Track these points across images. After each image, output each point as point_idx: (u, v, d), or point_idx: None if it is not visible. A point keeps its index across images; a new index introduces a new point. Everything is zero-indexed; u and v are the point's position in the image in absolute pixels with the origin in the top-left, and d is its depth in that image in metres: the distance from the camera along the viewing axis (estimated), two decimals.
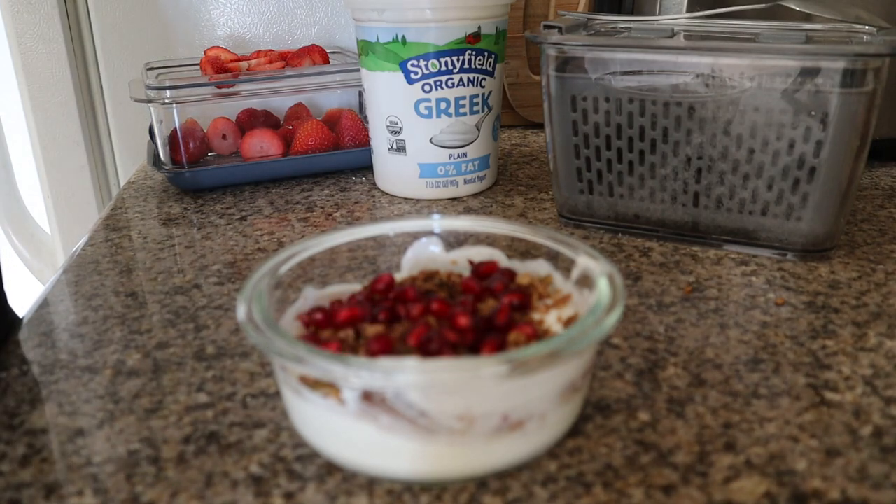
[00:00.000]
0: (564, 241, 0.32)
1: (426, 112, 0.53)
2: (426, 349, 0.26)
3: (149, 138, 0.66)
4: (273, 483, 0.26)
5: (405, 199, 0.57)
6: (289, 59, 0.66)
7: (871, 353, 0.34)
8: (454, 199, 0.56)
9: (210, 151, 0.62)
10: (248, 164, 0.60)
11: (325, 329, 0.29)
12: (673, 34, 0.47)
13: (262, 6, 0.78)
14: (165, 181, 0.62)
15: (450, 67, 0.52)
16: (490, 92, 0.55)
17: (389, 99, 0.54)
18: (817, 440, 0.28)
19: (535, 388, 0.25)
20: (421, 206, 0.55)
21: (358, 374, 0.24)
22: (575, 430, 0.29)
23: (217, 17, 0.78)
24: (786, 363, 0.33)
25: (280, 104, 0.68)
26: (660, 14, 0.60)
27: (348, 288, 0.33)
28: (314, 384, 0.26)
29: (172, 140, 0.58)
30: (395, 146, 0.55)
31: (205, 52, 0.69)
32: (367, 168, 0.62)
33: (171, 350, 0.36)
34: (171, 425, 0.30)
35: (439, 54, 0.52)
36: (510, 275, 0.32)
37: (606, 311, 0.27)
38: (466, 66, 0.53)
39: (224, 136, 0.62)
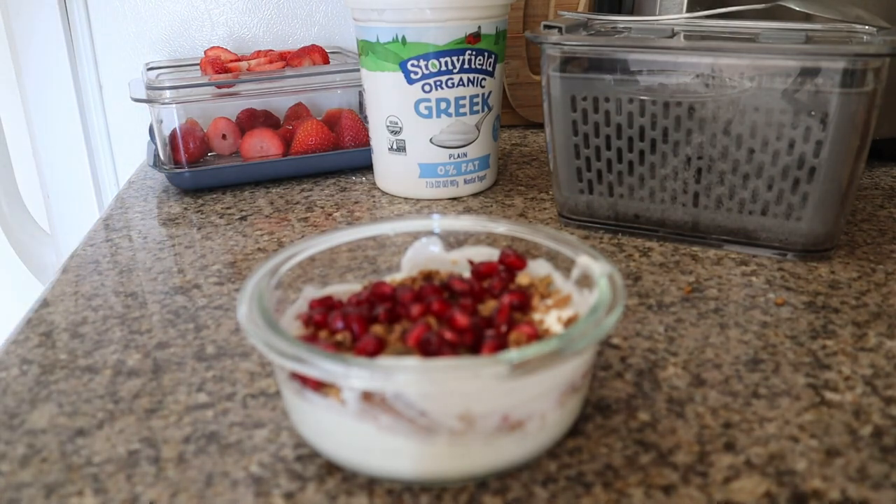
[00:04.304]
0: (564, 240, 0.32)
1: (426, 112, 0.53)
2: (426, 349, 0.26)
3: (149, 138, 0.66)
4: (273, 483, 0.26)
5: (405, 199, 0.57)
6: (289, 59, 0.66)
7: (871, 353, 0.34)
8: (454, 199, 0.56)
9: (210, 151, 0.62)
10: (248, 164, 0.60)
11: (324, 329, 0.29)
12: (673, 34, 0.47)
13: (262, 6, 0.78)
14: (165, 181, 0.62)
15: (450, 67, 0.52)
16: (490, 92, 0.55)
17: (389, 99, 0.54)
18: (817, 440, 0.28)
19: (535, 388, 0.25)
20: (421, 206, 0.55)
21: (358, 374, 0.24)
22: (575, 430, 0.29)
23: (217, 17, 0.78)
24: (786, 363, 0.33)
25: (280, 104, 0.68)
26: (660, 14, 0.60)
27: (348, 288, 0.33)
28: (316, 385, 0.26)
29: (172, 140, 0.58)
30: (395, 146, 0.55)
31: (205, 52, 0.69)
32: (367, 168, 0.62)
33: (171, 350, 0.36)
34: (171, 425, 0.30)
35: (439, 54, 0.52)
36: (510, 275, 0.32)
37: (606, 311, 0.27)
38: (466, 66, 0.53)
39: (224, 136, 0.62)
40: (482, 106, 0.55)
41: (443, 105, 0.53)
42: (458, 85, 0.53)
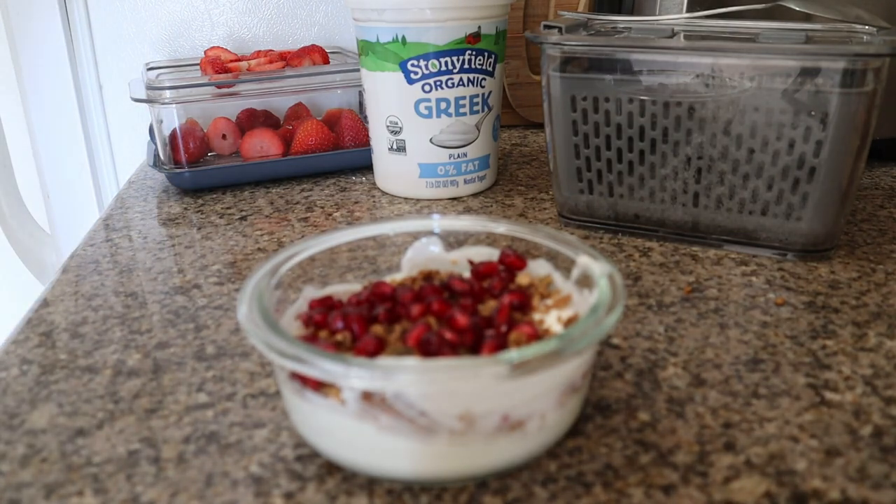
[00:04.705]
0: (564, 240, 0.32)
1: (426, 112, 0.53)
2: (426, 349, 0.26)
3: (149, 138, 0.66)
4: (273, 483, 0.26)
5: (405, 199, 0.57)
6: (289, 59, 0.66)
7: (871, 353, 0.34)
8: (454, 199, 0.56)
9: (210, 151, 0.62)
10: (248, 164, 0.60)
11: (324, 329, 0.29)
12: (673, 34, 0.47)
13: (262, 6, 0.78)
14: (165, 181, 0.62)
15: (450, 67, 0.52)
16: (490, 92, 0.55)
17: (389, 99, 0.54)
18: (817, 440, 0.28)
19: (535, 388, 0.25)
20: (421, 206, 0.55)
21: (358, 374, 0.24)
22: (575, 430, 0.29)
23: (217, 17, 0.78)
24: (786, 363, 0.33)
25: (280, 104, 0.68)
26: (660, 14, 0.60)
27: (348, 288, 0.33)
28: (316, 385, 0.26)
29: (172, 140, 0.58)
30: (395, 146, 0.55)
31: (205, 52, 0.69)
32: (367, 168, 0.62)
33: (171, 350, 0.36)
34: (171, 425, 0.30)
35: (439, 54, 0.52)
36: (510, 275, 0.32)
37: (606, 311, 0.27)
38: (466, 66, 0.53)
39: (224, 136, 0.62)
40: (482, 106, 0.55)
41: (443, 105, 0.53)
42: (458, 85, 0.53)
